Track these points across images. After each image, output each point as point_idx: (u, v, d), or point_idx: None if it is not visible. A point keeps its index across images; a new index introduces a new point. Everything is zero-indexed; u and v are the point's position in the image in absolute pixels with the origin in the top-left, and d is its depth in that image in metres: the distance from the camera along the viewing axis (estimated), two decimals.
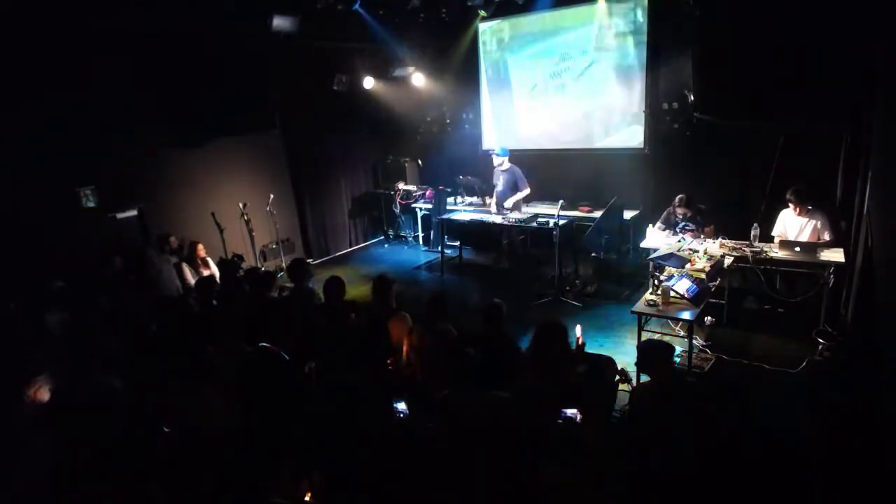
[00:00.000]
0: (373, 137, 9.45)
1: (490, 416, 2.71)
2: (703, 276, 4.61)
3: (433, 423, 2.83)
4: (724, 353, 4.78)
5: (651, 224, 5.92)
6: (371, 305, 4.35)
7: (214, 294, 4.86)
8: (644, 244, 5.76)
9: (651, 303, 4.50)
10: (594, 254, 6.49)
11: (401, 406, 3.06)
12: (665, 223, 5.83)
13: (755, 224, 5.22)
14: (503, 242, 7.65)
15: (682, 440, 2.72)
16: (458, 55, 8.44)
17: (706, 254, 5.03)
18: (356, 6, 6.62)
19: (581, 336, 3.68)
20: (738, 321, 5.32)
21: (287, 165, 8.12)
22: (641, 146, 7.26)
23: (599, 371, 3.50)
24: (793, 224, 5.25)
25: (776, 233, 5.36)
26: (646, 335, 4.62)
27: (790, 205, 5.18)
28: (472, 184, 8.39)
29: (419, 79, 8.50)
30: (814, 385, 4.23)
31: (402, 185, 9.00)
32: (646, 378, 3.34)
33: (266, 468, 2.28)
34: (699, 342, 4.91)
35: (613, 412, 3.55)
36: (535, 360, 3.26)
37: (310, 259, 8.17)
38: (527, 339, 3.74)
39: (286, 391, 3.25)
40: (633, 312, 4.51)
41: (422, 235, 9.13)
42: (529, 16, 7.73)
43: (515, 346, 3.73)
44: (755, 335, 5.11)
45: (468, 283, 7.23)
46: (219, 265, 6.05)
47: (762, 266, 5.00)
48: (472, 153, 8.81)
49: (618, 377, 3.54)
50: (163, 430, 2.90)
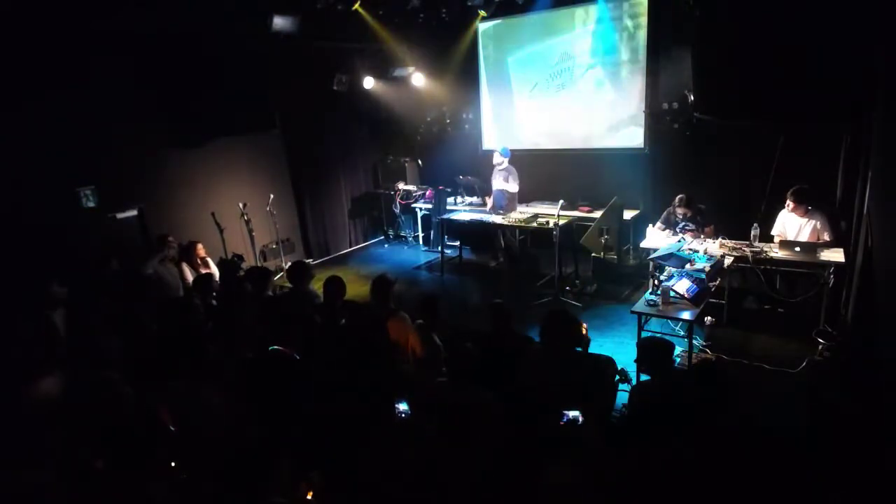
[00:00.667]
0: (373, 137, 9.45)
1: (484, 415, 2.72)
2: (703, 276, 4.61)
3: (433, 424, 2.83)
4: (724, 353, 4.78)
5: (651, 224, 5.92)
6: (371, 306, 4.35)
7: (213, 294, 4.86)
8: (644, 244, 5.76)
9: (651, 303, 4.50)
10: (594, 254, 6.49)
11: (401, 406, 3.06)
12: (665, 223, 5.83)
13: (755, 224, 5.22)
14: (502, 242, 7.66)
15: (682, 439, 2.72)
16: (458, 55, 8.44)
17: (706, 254, 5.03)
18: (356, 6, 6.62)
19: (586, 330, 3.66)
20: (738, 321, 5.32)
21: (287, 165, 8.11)
22: (641, 146, 7.26)
23: (600, 371, 3.50)
24: (792, 224, 5.25)
25: (775, 232, 5.37)
26: (646, 335, 4.62)
27: (790, 205, 5.18)
28: (472, 184, 8.39)
29: (419, 79, 8.50)
30: (814, 385, 4.23)
31: (402, 185, 9.00)
32: (646, 378, 3.35)
33: (267, 468, 2.28)
34: (699, 342, 4.91)
35: (613, 412, 3.55)
36: (548, 347, 3.27)
37: (310, 259, 8.17)
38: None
39: (293, 392, 3.24)
40: (633, 312, 4.52)
41: (422, 235, 9.13)
42: (529, 16, 7.73)
43: (527, 340, 3.72)
44: (755, 335, 5.11)
45: (468, 283, 7.23)
46: (219, 265, 6.04)
47: (762, 266, 5.01)
48: (472, 153, 8.82)
49: (618, 377, 3.54)
50: (165, 431, 2.90)
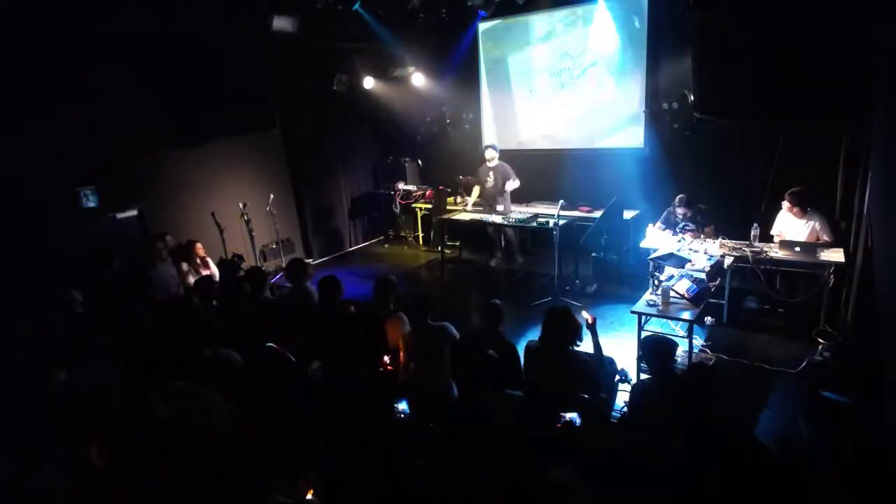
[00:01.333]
0: (373, 137, 9.46)
1: (504, 416, 2.71)
2: (703, 276, 4.61)
3: (433, 424, 2.83)
4: (724, 353, 4.78)
5: (651, 224, 5.92)
6: (371, 306, 4.35)
7: (214, 294, 4.86)
8: (644, 244, 5.76)
9: (651, 303, 4.50)
10: (594, 254, 6.49)
11: (401, 406, 3.07)
12: (665, 223, 5.83)
13: (755, 224, 5.22)
14: (502, 242, 7.66)
15: (680, 438, 2.72)
16: (458, 55, 8.44)
17: (706, 254, 5.03)
18: (356, 6, 6.62)
19: (590, 316, 3.63)
20: (738, 321, 5.32)
21: (287, 166, 8.11)
22: (641, 146, 7.25)
23: (600, 370, 3.50)
24: (791, 225, 5.25)
25: (774, 233, 5.37)
26: (645, 335, 4.62)
27: (788, 207, 5.18)
28: (472, 184, 8.39)
29: (419, 79, 8.50)
30: (814, 385, 4.23)
31: (402, 185, 9.00)
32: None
33: (266, 468, 2.28)
34: (699, 342, 4.91)
35: (613, 412, 3.55)
36: (547, 346, 3.26)
37: (310, 259, 8.17)
38: (527, 339, 3.76)
39: (291, 392, 3.24)
40: (633, 312, 4.51)
41: (422, 235, 9.14)
42: (529, 15, 7.73)
43: (511, 346, 3.72)
44: (755, 335, 5.11)
45: (468, 283, 7.23)
46: (219, 265, 6.04)
47: (762, 266, 5.00)
48: (472, 153, 8.81)
49: (618, 377, 3.54)
50: (166, 431, 2.90)
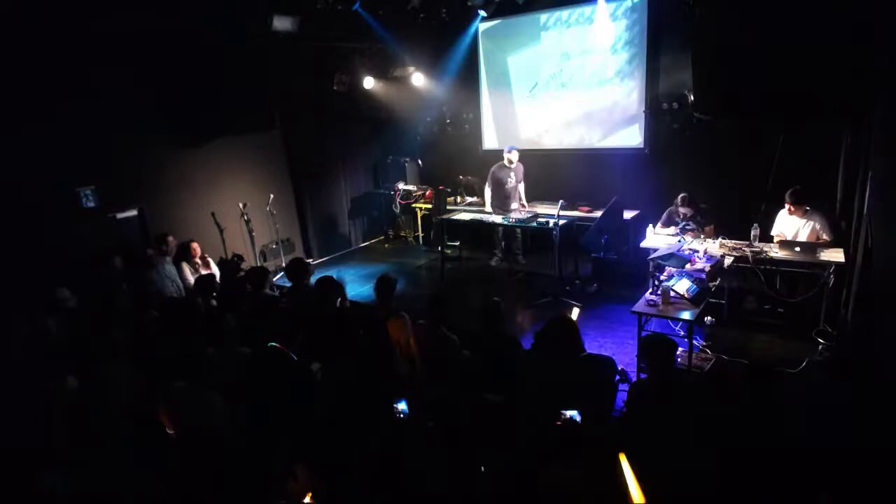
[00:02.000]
0: (373, 137, 9.46)
1: (489, 418, 2.71)
2: (703, 276, 4.61)
3: (433, 423, 2.83)
4: (724, 353, 4.78)
5: (651, 224, 5.92)
6: (371, 305, 4.35)
7: (214, 294, 4.86)
8: (644, 244, 5.76)
9: (651, 303, 4.50)
10: (594, 254, 6.49)
11: (401, 406, 3.06)
12: (666, 222, 5.84)
13: (755, 224, 5.22)
14: (502, 242, 7.66)
15: (679, 437, 2.73)
16: (458, 55, 8.44)
17: (706, 254, 5.03)
18: (356, 6, 6.62)
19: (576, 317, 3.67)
20: (738, 321, 5.32)
21: (287, 165, 8.11)
22: (641, 146, 7.26)
23: (600, 370, 3.50)
24: (791, 225, 5.26)
25: (774, 233, 5.37)
26: (645, 335, 4.62)
27: (788, 206, 5.18)
28: (473, 184, 8.40)
29: (419, 79, 8.50)
30: (814, 385, 4.23)
31: (402, 185, 9.00)
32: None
33: (266, 469, 2.28)
34: (699, 342, 4.91)
35: (613, 412, 3.55)
36: (545, 354, 3.26)
37: (310, 259, 8.17)
38: (528, 339, 3.76)
39: (292, 391, 3.24)
40: (633, 312, 4.51)
41: (422, 235, 9.14)
42: (529, 15, 7.73)
43: (516, 344, 3.72)
44: (755, 335, 5.11)
45: (468, 283, 7.23)
46: (219, 265, 6.05)
47: (762, 266, 5.00)
48: (472, 153, 8.81)
49: (618, 377, 3.54)
50: (165, 431, 2.89)
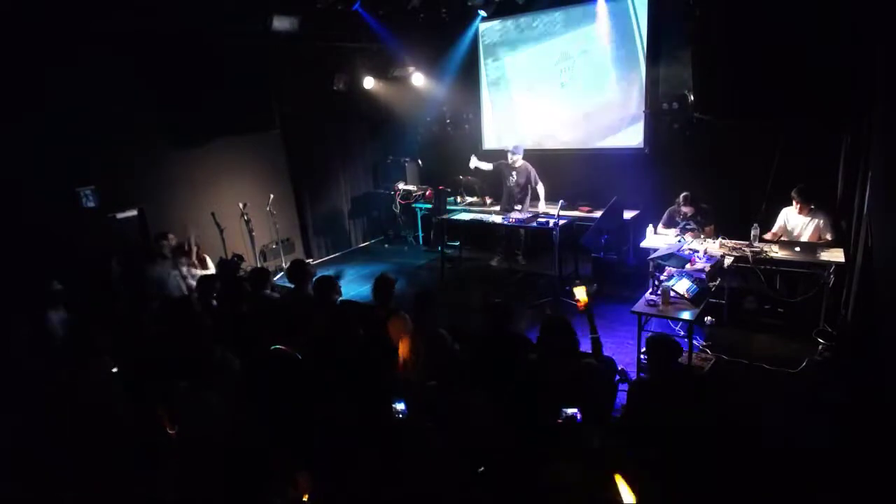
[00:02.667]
0: (373, 137, 9.45)
1: (488, 418, 2.71)
2: (703, 276, 4.61)
3: (432, 423, 2.83)
4: (724, 353, 4.78)
5: (651, 224, 5.92)
6: (371, 305, 4.35)
7: (215, 294, 4.85)
8: (644, 244, 5.76)
9: (651, 303, 4.50)
10: (594, 254, 6.48)
11: (400, 406, 3.06)
12: (667, 222, 5.84)
13: (755, 224, 5.22)
14: (502, 242, 7.66)
15: (678, 436, 2.73)
16: (458, 55, 8.44)
17: (706, 254, 5.03)
18: (356, 6, 6.62)
19: (584, 300, 3.65)
20: (738, 321, 5.31)
21: (287, 165, 8.11)
22: (641, 146, 7.26)
23: (599, 370, 3.50)
24: (795, 222, 5.26)
25: (775, 229, 5.36)
26: (646, 335, 4.62)
27: (794, 203, 5.18)
28: (473, 184, 8.39)
29: (419, 79, 8.49)
30: (814, 385, 4.23)
31: (402, 185, 8.99)
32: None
33: (266, 469, 2.28)
34: (699, 342, 4.91)
35: (613, 412, 3.55)
36: (544, 353, 3.25)
37: (310, 259, 8.17)
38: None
39: (298, 392, 3.23)
40: (633, 312, 4.51)
41: (422, 235, 9.13)
42: (529, 15, 7.73)
43: (524, 341, 3.71)
44: (755, 335, 5.11)
45: (468, 283, 7.22)
46: (219, 265, 6.04)
47: (762, 266, 5.00)
48: (473, 153, 8.80)
49: (618, 377, 3.54)
50: (166, 432, 2.90)
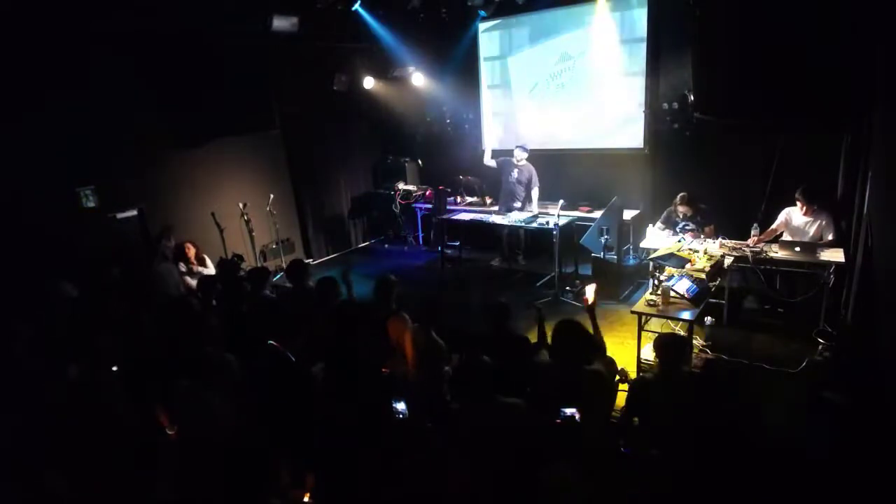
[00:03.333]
0: (373, 137, 9.46)
1: (499, 422, 2.69)
2: (703, 276, 4.61)
3: (431, 424, 2.83)
4: (724, 353, 4.78)
5: (651, 224, 5.92)
6: (371, 306, 4.34)
7: (215, 294, 4.86)
8: (644, 244, 5.76)
9: (651, 303, 4.50)
10: (594, 254, 6.49)
11: (400, 406, 3.06)
12: (665, 222, 5.83)
13: (755, 224, 5.22)
14: (503, 242, 7.66)
15: (679, 435, 2.73)
16: (458, 55, 8.44)
17: (706, 254, 5.03)
18: (356, 6, 6.62)
19: (592, 299, 3.63)
20: (738, 321, 5.31)
21: (287, 165, 8.12)
22: (641, 146, 7.25)
23: (599, 370, 3.50)
24: (798, 222, 5.26)
25: (775, 225, 5.36)
26: (646, 335, 4.62)
27: (798, 203, 5.18)
28: (473, 184, 8.40)
29: (419, 79, 8.50)
30: (814, 385, 4.23)
31: (402, 185, 9.00)
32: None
33: (265, 469, 2.28)
34: (699, 342, 4.91)
35: (613, 412, 3.55)
36: (557, 356, 3.24)
37: (310, 259, 8.18)
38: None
39: (292, 392, 3.24)
40: (633, 312, 4.52)
41: (422, 235, 9.13)
42: (529, 15, 7.73)
43: (523, 341, 3.71)
44: (755, 335, 5.11)
45: (468, 283, 7.23)
46: (219, 265, 6.04)
47: (762, 266, 5.00)
48: (472, 153, 8.81)
49: (618, 377, 3.54)
50: (166, 432, 2.90)
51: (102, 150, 5.74)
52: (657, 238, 5.70)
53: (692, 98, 5.90)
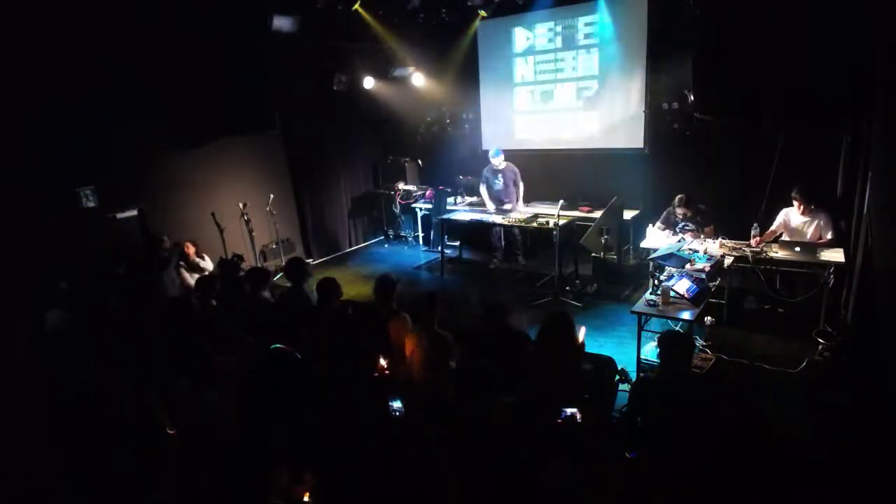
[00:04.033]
0: (373, 137, 9.46)
1: (496, 421, 2.70)
2: (703, 276, 4.61)
3: (431, 424, 2.83)
4: (724, 353, 4.77)
5: (651, 224, 5.92)
6: (371, 306, 4.35)
7: (214, 293, 4.86)
8: (644, 244, 5.76)
9: (651, 303, 4.50)
10: (594, 254, 6.49)
11: (396, 404, 3.06)
12: (665, 223, 5.83)
13: (755, 224, 5.22)
14: (503, 242, 7.66)
15: (680, 434, 2.72)
16: (458, 55, 8.44)
17: (706, 254, 5.03)
18: (356, 6, 6.62)
19: (582, 338, 3.67)
20: (738, 321, 5.31)
21: (287, 165, 8.12)
22: (641, 146, 7.25)
23: (600, 370, 3.50)
24: (796, 222, 5.26)
25: (774, 227, 5.36)
26: (646, 335, 4.62)
27: (795, 203, 5.18)
28: (472, 184, 8.39)
29: (419, 79, 8.49)
30: (814, 385, 4.23)
31: (402, 185, 9.00)
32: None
33: (265, 469, 2.28)
34: (699, 342, 4.91)
35: (613, 412, 3.55)
36: (544, 352, 3.24)
37: (310, 259, 8.17)
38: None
39: (296, 392, 3.23)
40: (633, 312, 4.51)
41: (422, 235, 9.14)
42: (529, 15, 7.73)
43: (524, 337, 3.71)
44: (755, 335, 5.10)
45: (468, 283, 7.23)
46: (219, 265, 6.05)
47: (762, 266, 5.00)
48: (472, 153, 8.81)
49: (618, 377, 3.54)
50: (166, 432, 2.90)
51: (102, 150, 5.75)
52: (657, 238, 5.69)
53: (692, 98, 5.90)
